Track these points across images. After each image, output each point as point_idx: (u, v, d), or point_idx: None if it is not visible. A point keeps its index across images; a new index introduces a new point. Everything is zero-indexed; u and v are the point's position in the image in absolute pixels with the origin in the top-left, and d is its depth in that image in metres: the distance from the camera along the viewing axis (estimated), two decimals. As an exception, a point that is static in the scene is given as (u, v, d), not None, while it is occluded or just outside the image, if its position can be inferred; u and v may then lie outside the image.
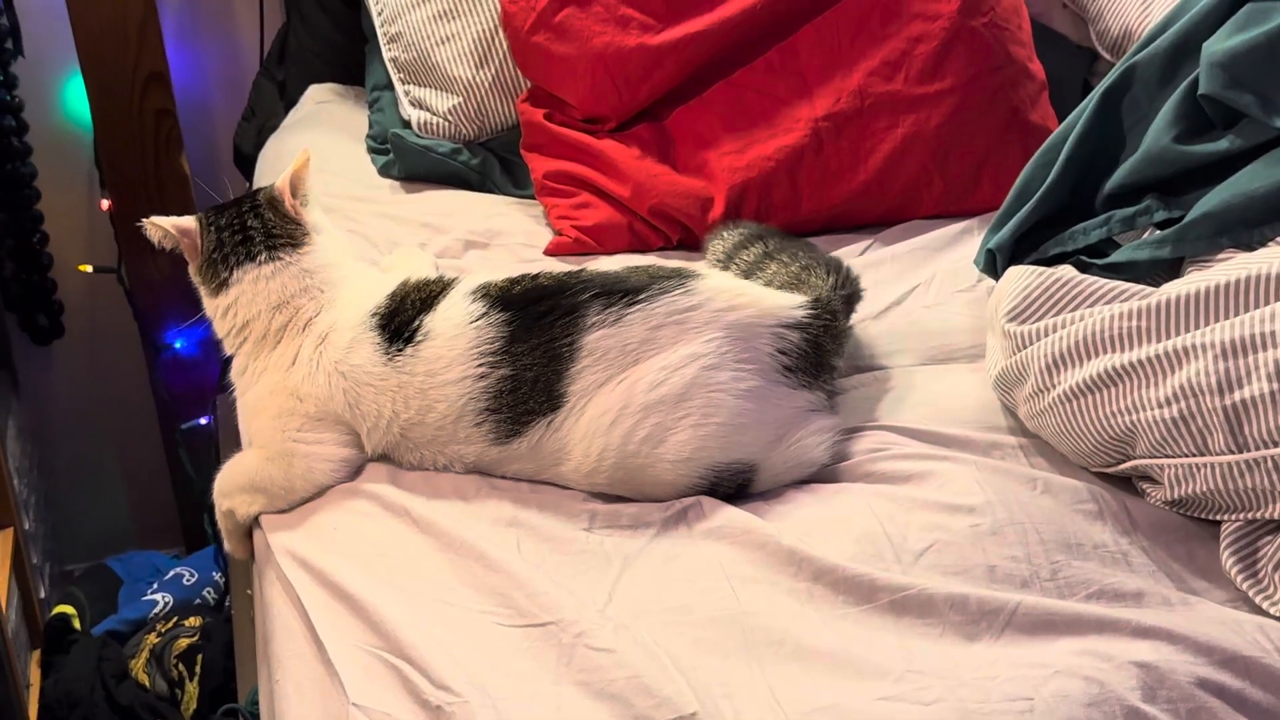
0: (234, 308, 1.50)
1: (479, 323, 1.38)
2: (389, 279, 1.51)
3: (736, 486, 1.35)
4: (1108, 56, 2.07)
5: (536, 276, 1.41)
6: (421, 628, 1.20)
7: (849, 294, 1.52)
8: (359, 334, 1.44)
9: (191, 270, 1.55)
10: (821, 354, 1.40)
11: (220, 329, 1.53)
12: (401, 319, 1.43)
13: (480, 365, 1.37)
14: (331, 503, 1.42)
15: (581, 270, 1.42)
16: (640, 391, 1.33)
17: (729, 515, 1.31)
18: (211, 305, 1.53)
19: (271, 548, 1.39)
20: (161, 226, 1.53)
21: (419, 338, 1.40)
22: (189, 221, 1.53)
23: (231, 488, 1.49)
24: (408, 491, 1.40)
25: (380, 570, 1.30)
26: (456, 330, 1.39)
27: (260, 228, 1.51)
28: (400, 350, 1.41)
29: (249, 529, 1.51)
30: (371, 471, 1.45)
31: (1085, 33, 2.13)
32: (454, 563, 1.29)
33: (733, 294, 1.38)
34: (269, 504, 1.46)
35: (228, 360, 1.56)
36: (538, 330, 1.36)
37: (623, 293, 1.36)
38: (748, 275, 1.55)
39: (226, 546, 1.57)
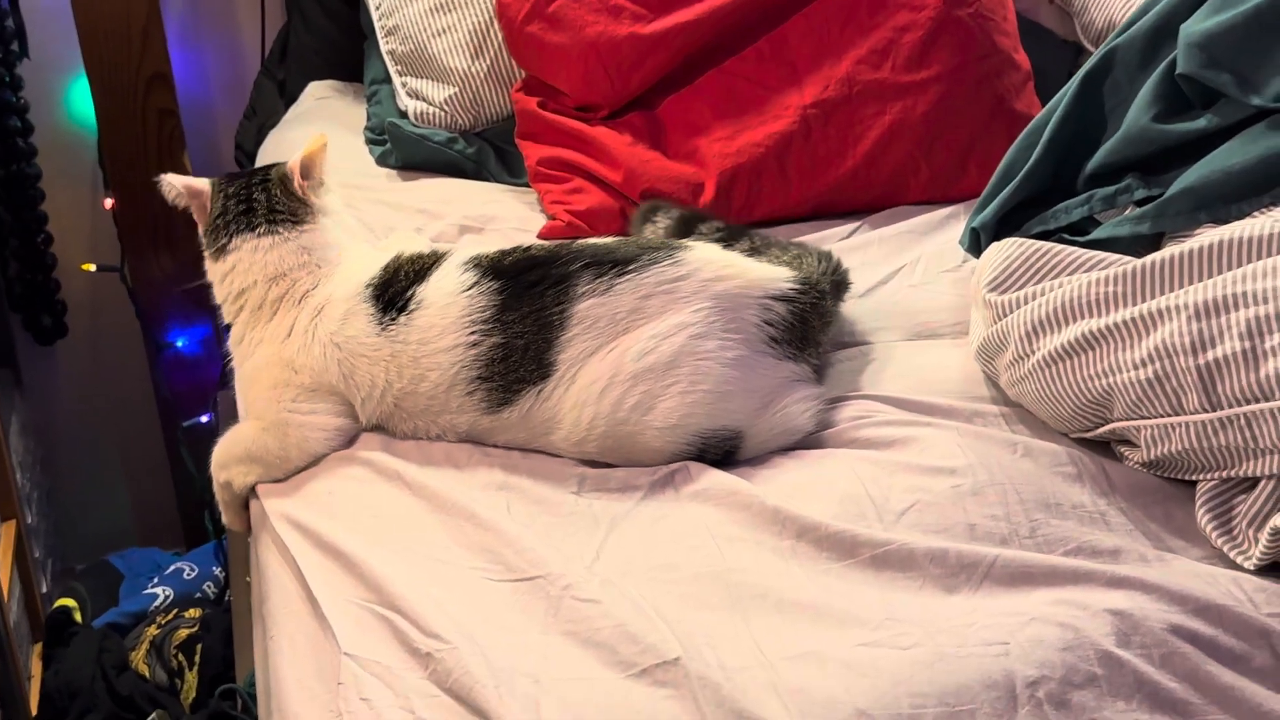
0: (231, 275, 1.54)
1: (470, 291, 1.41)
2: (384, 255, 1.54)
3: (723, 453, 1.38)
4: (1091, 48, 2.10)
5: (529, 248, 1.45)
6: (413, 582, 1.23)
7: (838, 279, 1.55)
8: (353, 306, 1.47)
9: (200, 232, 1.60)
10: (807, 329, 1.43)
11: (219, 295, 1.57)
12: (395, 289, 1.46)
13: (472, 333, 1.40)
14: (326, 469, 1.46)
15: (573, 241, 1.45)
16: (629, 360, 1.35)
17: (715, 478, 1.33)
18: (212, 269, 1.57)
19: (267, 512, 1.42)
20: (175, 186, 1.57)
21: (412, 307, 1.43)
22: (202, 184, 1.58)
23: (228, 459, 1.52)
24: (401, 458, 1.43)
25: (373, 531, 1.33)
26: (449, 299, 1.42)
27: (265, 201, 1.55)
28: (394, 320, 1.44)
29: (246, 501, 1.53)
30: (365, 439, 1.48)
31: (1071, 27, 2.16)
32: (445, 523, 1.32)
33: (721, 265, 1.40)
34: (265, 474, 1.48)
35: (228, 358, 1.59)
36: (529, 299, 1.39)
37: (613, 263, 1.39)
38: None
39: (224, 519, 1.59)
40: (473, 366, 1.40)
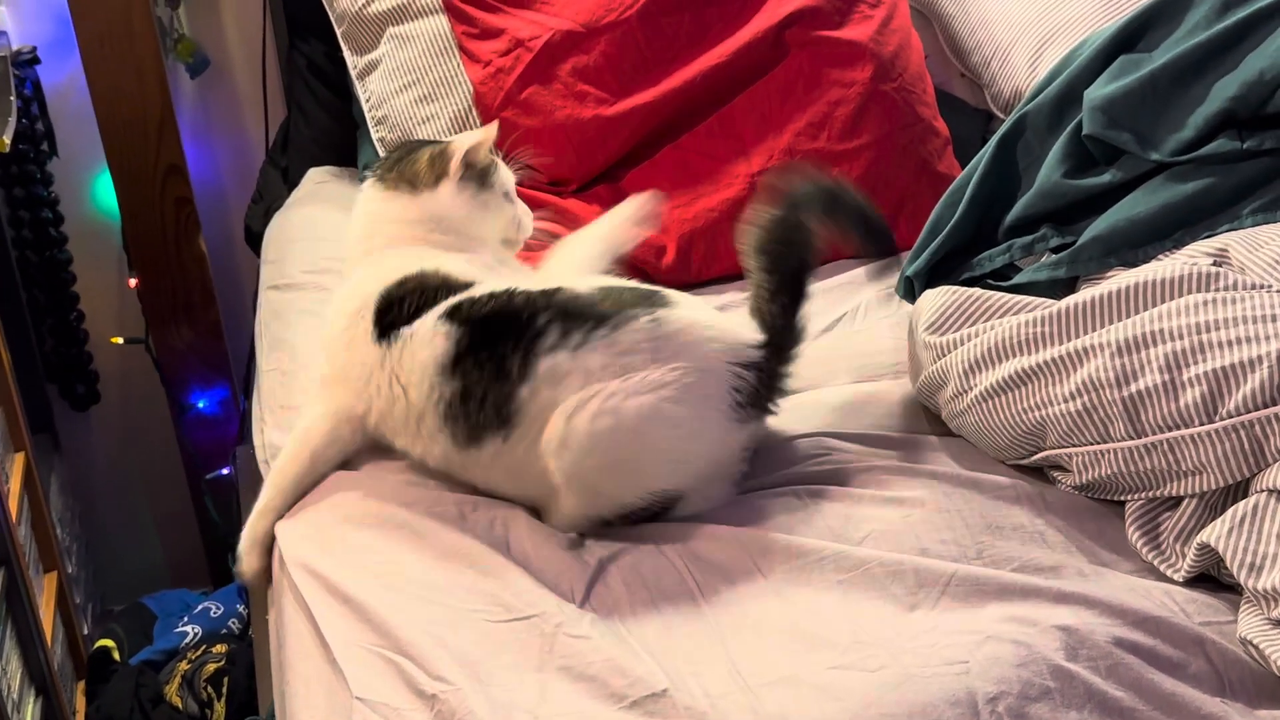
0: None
1: (440, 337, 1.28)
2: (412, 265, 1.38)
3: (661, 509, 1.26)
4: (1000, 115, 2.06)
5: (511, 295, 1.27)
6: (418, 627, 1.14)
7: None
8: (366, 308, 1.35)
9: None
10: (770, 389, 1.30)
11: None
12: (392, 317, 1.33)
13: (438, 377, 1.27)
14: (341, 519, 1.34)
15: (558, 290, 1.27)
16: (593, 415, 1.20)
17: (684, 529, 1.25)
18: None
19: (285, 560, 1.32)
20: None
21: (400, 339, 1.31)
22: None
23: None
24: (409, 508, 1.32)
25: (383, 577, 1.23)
26: (424, 343, 1.29)
27: (410, 159, 1.45)
28: (386, 345, 1.32)
29: (268, 546, 1.42)
30: (376, 489, 1.36)
31: (982, 97, 2.12)
32: (448, 569, 1.23)
33: (703, 325, 1.25)
34: None
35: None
36: (492, 349, 1.25)
37: (589, 319, 1.22)
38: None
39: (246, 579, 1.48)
40: (439, 408, 1.28)
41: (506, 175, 1.49)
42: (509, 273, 1.43)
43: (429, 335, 1.29)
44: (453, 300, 1.30)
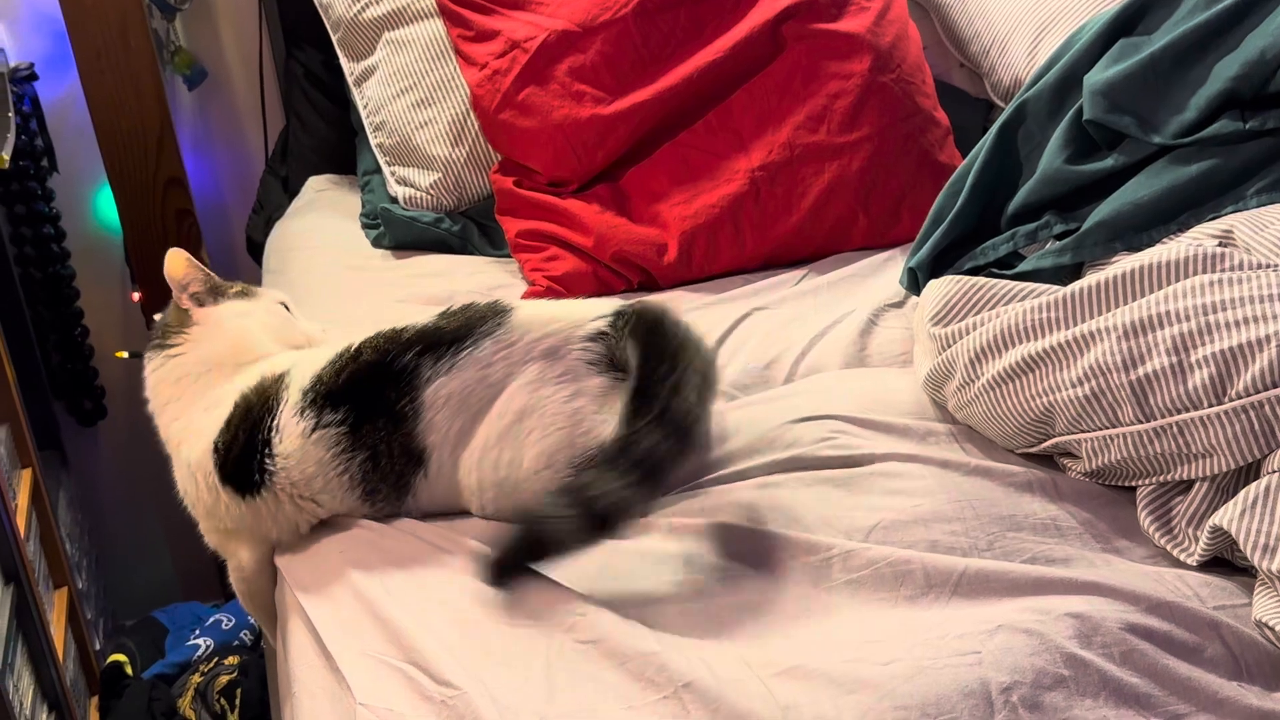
0: None
1: (317, 434, 1.28)
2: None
3: None
4: (1001, 104, 2.05)
5: (359, 354, 1.29)
6: (422, 631, 1.13)
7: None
8: (208, 473, 1.34)
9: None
10: (623, 353, 1.28)
11: None
12: (241, 465, 1.31)
13: (337, 464, 1.28)
14: (335, 532, 1.33)
15: (400, 331, 1.29)
16: (494, 425, 1.26)
17: (691, 508, 1.24)
18: None
19: (282, 571, 1.32)
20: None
21: (265, 474, 1.30)
22: None
23: None
24: (401, 524, 1.31)
25: (384, 584, 1.22)
26: (300, 448, 1.28)
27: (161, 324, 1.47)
28: (256, 487, 1.31)
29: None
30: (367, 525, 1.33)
31: (981, 87, 2.11)
32: (451, 571, 1.22)
33: (544, 320, 1.29)
34: None
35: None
36: (374, 408, 1.27)
37: (447, 343, 1.27)
38: None
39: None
40: (355, 487, 1.29)
41: (273, 294, 1.50)
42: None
43: (301, 436, 1.28)
44: (295, 394, 1.29)
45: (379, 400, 1.27)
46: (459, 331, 1.28)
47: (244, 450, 1.31)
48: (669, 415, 1.17)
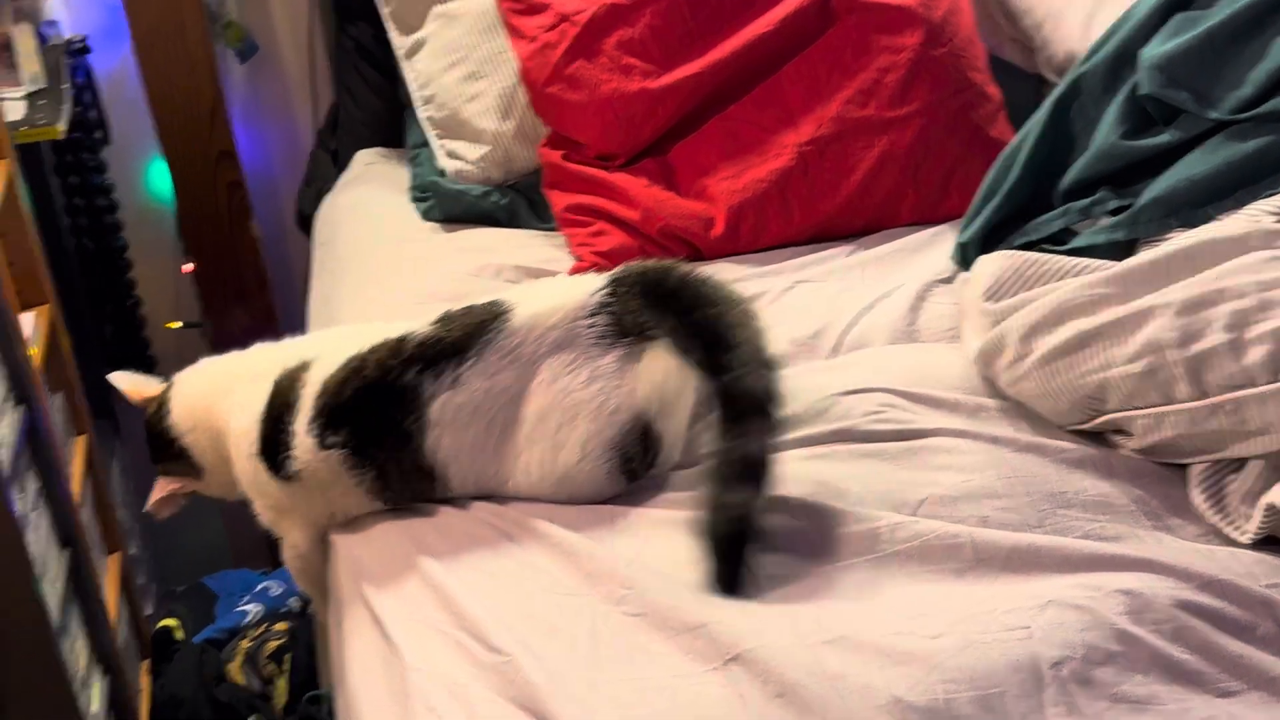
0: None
1: (327, 451, 1.27)
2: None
3: (642, 439, 1.25)
4: (1054, 79, 2.02)
5: (363, 367, 1.26)
6: (473, 601, 1.14)
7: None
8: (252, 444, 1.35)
9: None
10: (632, 316, 1.25)
11: None
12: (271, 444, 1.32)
13: (350, 479, 1.28)
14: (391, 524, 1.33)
15: (403, 341, 1.26)
16: (522, 431, 1.24)
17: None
18: None
19: (338, 549, 1.33)
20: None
21: (289, 469, 1.31)
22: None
23: None
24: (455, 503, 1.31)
25: (436, 557, 1.22)
26: (313, 459, 1.29)
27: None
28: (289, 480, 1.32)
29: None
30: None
31: (1033, 62, 2.08)
32: (501, 548, 1.22)
33: (544, 315, 1.25)
34: None
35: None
36: (379, 429, 1.26)
37: (448, 355, 1.24)
38: None
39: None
40: (376, 498, 1.30)
41: None
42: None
43: (315, 457, 1.28)
44: (309, 399, 1.29)
45: (382, 420, 1.25)
46: (459, 343, 1.25)
47: (274, 440, 1.31)
48: (746, 348, 1.15)
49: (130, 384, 1.54)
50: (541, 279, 1.56)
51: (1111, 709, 0.97)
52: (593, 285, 1.27)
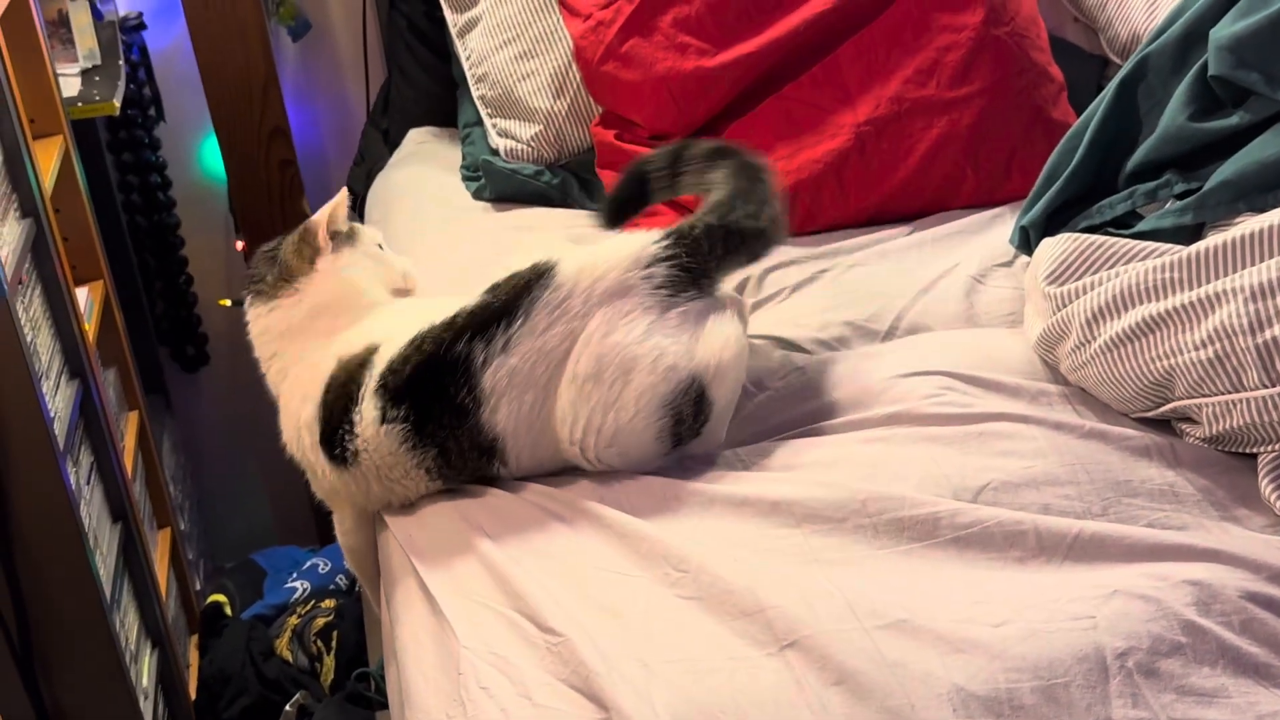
0: None
1: (387, 427, 1.26)
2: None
3: (696, 399, 1.23)
4: (1117, 60, 1.99)
5: (421, 343, 1.25)
6: (527, 581, 1.13)
7: (728, 230, 1.29)
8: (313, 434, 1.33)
9: None
10: (696, 270, 1.25)
11: None
12: (332, 426, 1.31)
13: (411, 458, 1.27)
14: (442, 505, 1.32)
15: (455, 316, 1.25)
16: (569, 390, 1.22)
17: (791, 458, 1.23)
18: None
19: (391, 529, 1.31)
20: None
21: (352, 446, 1.29)
22: None
23: None
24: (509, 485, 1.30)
25: (489, 537, 1.21)
26: (376, 437, 1.27)
27: (276, 261, 1.43)
28: (342, 450, 1.30)
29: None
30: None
31: (1096, 43, 2.05)
32: (553, 529, 1.21)
33: (592, 266, 1.23)
34: None
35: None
36: (438, 403, 1.24)
37: (496, 320, 1.22)
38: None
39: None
40: (435, 479, 1.29)
41: (371, 233, 1.47)
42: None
43: (379, 434, 1.27)
44: (371, 382, 1.27)
45: (440, 395, 1.24)
46: (506, 305, 1.23)
47: (336, 424, 1.30)
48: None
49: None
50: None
51: (1178, 701, 0.95)
52: (649, 237, 1.26)
